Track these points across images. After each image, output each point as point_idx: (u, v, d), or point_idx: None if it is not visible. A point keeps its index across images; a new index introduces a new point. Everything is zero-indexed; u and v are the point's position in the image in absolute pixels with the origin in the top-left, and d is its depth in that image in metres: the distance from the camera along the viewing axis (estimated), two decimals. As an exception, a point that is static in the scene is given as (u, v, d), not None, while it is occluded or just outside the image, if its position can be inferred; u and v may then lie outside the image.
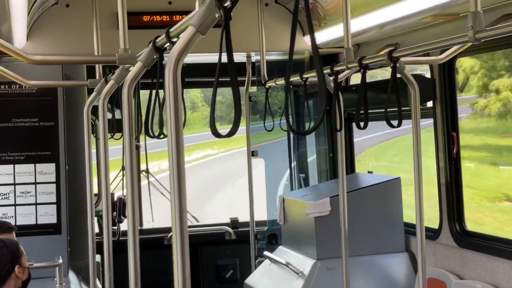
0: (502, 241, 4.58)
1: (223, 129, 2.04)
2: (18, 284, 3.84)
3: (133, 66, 2.98)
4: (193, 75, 6.83)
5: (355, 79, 6.48)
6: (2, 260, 3.75)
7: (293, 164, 7.39)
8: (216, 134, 1.96)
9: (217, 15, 1.95)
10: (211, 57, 6.14)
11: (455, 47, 3.87)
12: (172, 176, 2.01)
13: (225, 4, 1.93)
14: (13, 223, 5.35)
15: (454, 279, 4.82)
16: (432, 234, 5.13)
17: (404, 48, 3.72)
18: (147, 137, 7.26)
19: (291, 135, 7.37)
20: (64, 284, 5.18)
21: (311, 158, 7.37)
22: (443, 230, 5.08)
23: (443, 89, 5.00)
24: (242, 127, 6.67)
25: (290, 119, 6.96)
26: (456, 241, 4.94)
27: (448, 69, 4.97)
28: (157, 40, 2.69)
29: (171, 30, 2.52)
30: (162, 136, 3.29)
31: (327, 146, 7.03)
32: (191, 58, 6.44)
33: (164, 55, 2.77)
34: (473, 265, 4.73)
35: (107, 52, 4.28)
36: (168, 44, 2.60)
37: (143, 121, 3.37)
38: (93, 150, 5.41)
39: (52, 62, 4.38)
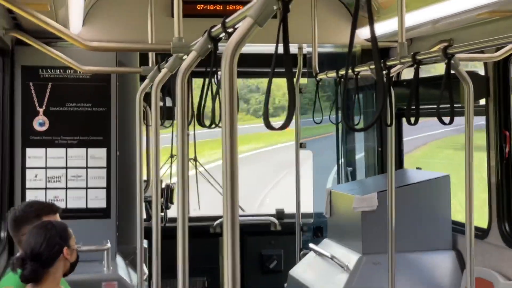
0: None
1: (273, 120, 2.04)
2: (67, 266, 3.90)
3: (187, 55, 3.00)
4: (245, 65, 6.85)
5: (406, 74, 6.43)
6: (51, 241, 3.80)
7: (341, 157, 7.36)
8: (269, 126, 1.96)
9: (275, 7, 1.95)
10: (263, 48, 6.16)
11: (510, 45, 3.81)
12: (226, 167, 2.02)
13: (284, -4, 1.93)
14: (63, 206, 5.46)
15: (502, 280, 4.77)
16: (481, 234, 5.07)
17: (459, 44, 3.68)
18: (196, 127, 7.33)
19: (340, 129, 7.34)
20: (111, 267, 5.26)
21: (359, 152, 7.34)
22: (492, 230, 5.01)
23: (497, 87, 4.93)
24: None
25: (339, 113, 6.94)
26: (505, 241, 4.88)
27: (503, 67, 4.90)
28: (212, 30, 2.70)
29: (227, 20, 2.53)
30: (213, 126, 3.31)
31: (376, 140, 6.99)
32: (244, 48, 6.45)
33: (219, 45, 2.78)
34: (522, 266, 4.67)
35: (161, 40, 4.32)
36: (223, 34, 2.60)
37: (196, 110, 3.39)
38: (143, 137, 5.49)
39: (107, 48, 4.43)
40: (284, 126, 1.94)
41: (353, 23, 1.92)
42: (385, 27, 5.62)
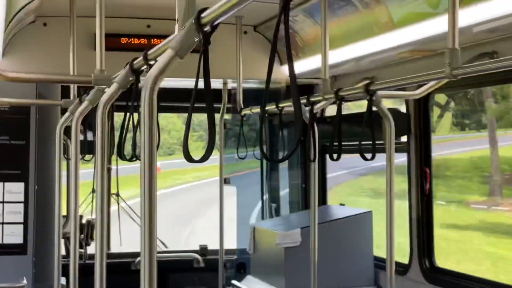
0: (471, 279, 4.57)
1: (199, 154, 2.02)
2: None
3: (109, 87, 2.96)
4: (168, 100, 6.80)
5: (330, 111, 6.50)
6: None
7: (265, 193, 7.36)
8: (189, 159, 1.94)
9: (196, 39, 1.94)
10: (187, 82, 6.12)
11: (431, 83, 3.89)
12: (144, 199, 1.98)
13: (205, 29, 1.92)
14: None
15: (422, 316, 4.81)
16: (402, 269, 5.12)
17: (381, 81, 3.74)
18: (119, 161, 7.22)
19: (264, 165, 7.36)
20: (27, 306, 5.09)
21: (284, 188, 7.35)
22: (412, 266, 5.06)
23: (418, 124, 5.02)
24: (215, 155, 6.65)
25: (264, 148, 6.95)
26: (425, 277, 4.93)
27: (423, 105, 4.99)
28: (134, 62, 2.67)
29: (149, 52, 2.51)
30: (134, 159, 3.26)
31: (300, 177, 7.02)
32: (167, 82, 6.40)
33: (141, 77, 2.75)
34: (442, 302, 4.72)
35: (83, 73, 4.25)
36: (145, 66, 2.58)
37: (116, 143, 3.34)
38: (63, 172, 5.36)
39: (27, 80, 4.34)
40: (203, 159, 1.92)
41: (270, 58, 1.92)
42: (309, 64, 5.68)
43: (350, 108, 7.11)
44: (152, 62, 2.51)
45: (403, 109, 5.25)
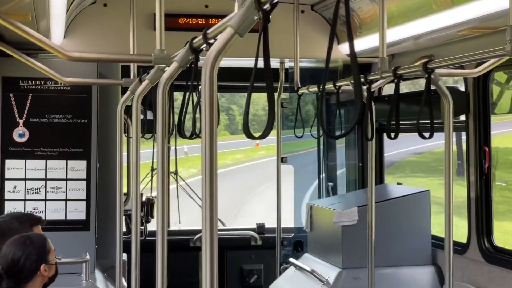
0: (531, 259, 4.53)
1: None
2: (44, 280, 3.85)
3: (169, 66, 3.00)
4: (226, 79, 6.85)
5: (388, 90, 6.46)
6: (28, 258, 3.74)
7: (322, 172, 7.37)
8: (249, 135, 1.97)
9: (255, 17, 1.96)
10: (245, 62, 6.16)
11: (491, 61, 3.85)
12: (205, 178, 2.01)
13: (265, 7, 1.94)
14: (43, 217, 5.41)
15: (481, 295, 4.78)
16: (460, 249, 5.09)
17: (439, 59, 3.71)
18: (178, 140, 7.31)
19: (321, 144, 7.36)
20: (90, 280, 5.22)
21: (341, 167, 7.35)
22: (471, 245, 5.03)
23: (476, 103, 4.97)
24: (273, 136, 6.69)
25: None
26: (484, 257, 4.90)
27: (482, 83, 4.93)
28: (194, 41, 2.70)
29: (208, 31, 2.53)
30: (194, 136, 3.31)
31: (357, 156, 7.01)
32: (225, 62, 6.46)
33: (200, 56, 2.79)
34: (500, 281, 4.69)
35: (142, 53, 4.32)
36: (204, 45, 2.61)
37: (176, 122, 3.39)
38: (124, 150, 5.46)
39: (89, 59, 4.42)
40: (263, 135, 1.95)
41: (330, 37, 1.94)
42: (367, 42, 5.65)
43: (409, 88, 7.06)
44: (211, 41, 2.53)
45: (462, 88, 5.20)
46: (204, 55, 2.27)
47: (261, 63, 2.04)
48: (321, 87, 5.22)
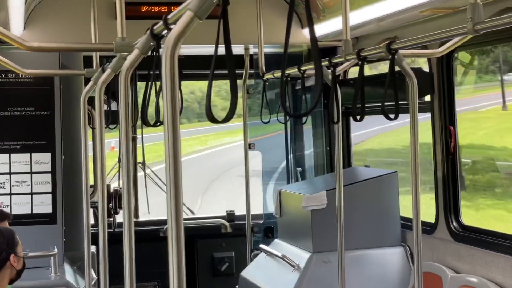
0: (498, 236, 4.57)
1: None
2: (13, 273, 3.83)
3: (130, 54, 2.97)
4: (192, 67, 6.81)
5: (354, 73, 6.47)
6: None
7: (290, 157, 7.38)
8: (212, 119, 1.95)
9: (215, 0, 1.93)
10: (211, 49, 6.12)
11: (454, 40, 3.86)
12: (168, 166, 1.99)
13: (224, -11, 1.91)
14: (9, 212, 5.34)
15: (450, 273, 4.82)
16: (429, 229, 5.12)
17: (402, 40, 3.71)
18: (144, 129, 7.26)
19: (288, 128, 7.36)
20: (58, 273, 5.18)
21: (308, 152, 7.36)
22: (439, 224, 5.07)
23: (441, 83, 4.99)
24: (239, 122, 6.67)
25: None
26: (452, 236, 4.94)
27: (446, 63, 4.96)
28: (154, 27, 2.67)
29: (168, 16, 2.51)
30: (158, 124, 3.28)
31: (324, 140, 7.02)
32: (188, 49, 6.42)
33: (162, 44, 2.75)
34: (469, 259, 4.73)
35: (104, 42, 4.27)
36: (165, 31, 2.58)
37: (140, 110, 3.35)
38: (89, 141, 5.40)
39: (49, 49, 4.35)
40: (226, 119, 1.93)
41: (288, 19, 1.91)
42: (330, 26, 5.65)
43: (373, 68, 7.07)
44: (172, 26, 2.50)
45: (426, 69, 5.22)
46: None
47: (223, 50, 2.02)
48: (285, 72, 5.21)
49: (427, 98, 5.17)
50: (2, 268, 3.76)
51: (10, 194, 5.54)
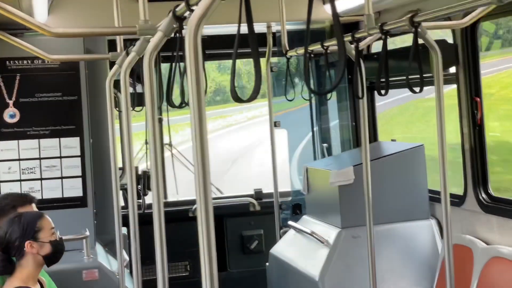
0: (527, 205, 4.56)
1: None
2: (37, 259, 3.91)
3: (154, 36, 2.98)
4: (215, 47, 6.81)
5: (377, 47, 6.44)
6: (12, 235, 3.85)
7: (316, 133, 7.37)
8: (237, 99, 1.97)
9: (237, -20, 1.94)
10: (234, 28, 6.12)
11: (477, 10, 3.83)
12: (195, 146, 2.01)
13: (245, -32, 1.92)
14: (39, 197, 5.42)
15: (480, 245, 4.81)
16: (458, 201, 5.11)
17: (425, 12, 3.69)
18: (169, 110, 7.30)
19: (313, 104, 7.35)
20: (91, 256, 5.25)
21: (334, 128, 7.35)
22: (468, 196, 5.06)
23: (466, 54, 4.96)
24: (265, 101, 6.66)
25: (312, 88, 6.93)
26: (481, 207, 4.92)
27: (471, 34, 4.91)
28: (176, 9, 2.69)
29: (190, -3, 2.52)
30: (184, 105, 3.30)
31: (349, 115, 7.00)
32: (212, 29, 6.42)
33: (184, 25, 2.77)
34: (498, 229, 4.72)
35: (128, 25, 4.29)
36: (188, 12, 2.59)
37: (165, 91, 3.38)
38: (116, 125, 5.45)
39: (73, 34, 4.38)
40: (251, 98, 1.94)
41: None
42: (352, 0, 5.62)
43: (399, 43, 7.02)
44: (194, 8, 2.51)
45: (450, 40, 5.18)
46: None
47: (246, 29, 2.03)
48: (309, 48, 5.20)
49: (452, 70, 5.14)
50: (22, 256, 3.85)
51: (41, 179, 5.61)
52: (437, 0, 4.99)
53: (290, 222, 6.13)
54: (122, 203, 5.58)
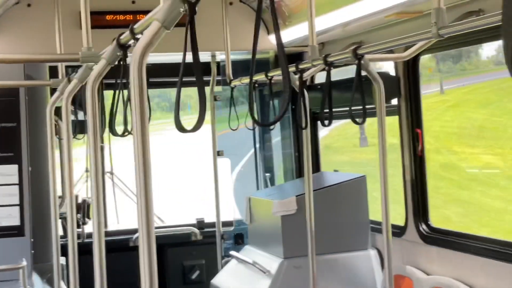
0: (466, 237, 4.62)
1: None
2: None
3: (97, 64, 2.95)
4: (159, 75, 6.79)
5: (321, 78, 6.49)
6: None
7: (259, 163, 7.38)
8: (181, 129, 1.94)
9: (181, 10, 1.93)
10: (177, 57, 6.10)
11: (419, 44, 3.89)
12: (138, 175, 1.98)
13: (190, -1, 1.91)
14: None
15: (420, 275, 4.85)
16: (398, 231, 5.16)
17: (368, 44, 3.74)
18: (111, 138, 7.22)
19: (257, 134, 7.37)
20: (28, 286, 5.11)
21: (277, 158, 7.37)
22: (408, 227, 5.10)
23: (407, 86, 5.03)
24: (208, 127, 6.65)
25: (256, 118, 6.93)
26: (421, 238, 4.97)
27: (412, 66, 5.00)
28: (121, 37, 2.66)
29: (135, 26, 2.50)
30: (126, 134, 3.26)
31: (293, 145, 7.03)
32: (155, 57, 6.40)
33: (128, 53, 2.75)
34: (438, 260, 4.77)
35: (70, 52, 4.24)
36: (132, 41, 2.57)
37: (107, 120, 3.34)
38: (57, 152, 5.35)
39: (14, 60, 4.32)
40: (195, 128, 1.92)
41: (256, 26, 1.92)
42: (296, 32, 5.67)
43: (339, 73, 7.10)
44: (138, 36, 2.50)
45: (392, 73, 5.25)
46: (132, 51, 2.23)
47: (191, 57, 2.01)
48: (253, 78, 5.22)
49: (394, 101, 5.21)
50: None
51: None
52: (379, 33, 5.09)
53: (232, 252, 6.09)
54: (61, 232, 5.48)
